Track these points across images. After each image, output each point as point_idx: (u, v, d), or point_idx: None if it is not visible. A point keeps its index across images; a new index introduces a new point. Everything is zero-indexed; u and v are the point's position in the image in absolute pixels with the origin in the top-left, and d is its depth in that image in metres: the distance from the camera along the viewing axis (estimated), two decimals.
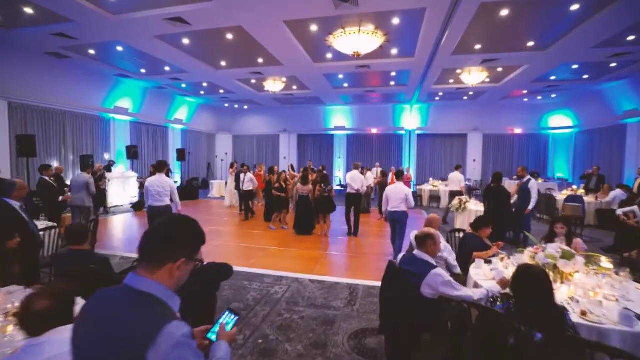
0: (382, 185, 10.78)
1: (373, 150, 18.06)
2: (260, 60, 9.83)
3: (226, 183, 13.04)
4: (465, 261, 3.58)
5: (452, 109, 16.59)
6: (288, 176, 9.75)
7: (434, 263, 2.56)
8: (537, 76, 10.81)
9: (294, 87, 13.38)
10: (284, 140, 19.17)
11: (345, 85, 12.87)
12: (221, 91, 14.11)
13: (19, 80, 9.27)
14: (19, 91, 9.30)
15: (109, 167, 11.68)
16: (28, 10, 6.69)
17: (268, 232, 7.70)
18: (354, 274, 4.94)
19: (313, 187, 8.13)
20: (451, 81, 11.85)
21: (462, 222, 7.28)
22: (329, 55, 9.27)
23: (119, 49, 8.89)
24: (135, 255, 1.10)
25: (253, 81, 12.38)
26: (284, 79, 12.05)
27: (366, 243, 6.92)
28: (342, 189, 16.54)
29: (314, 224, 7.69)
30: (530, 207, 6.40)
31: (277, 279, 4.69)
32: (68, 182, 9.56)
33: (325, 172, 9.69)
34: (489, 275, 2.95)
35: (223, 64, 10.25)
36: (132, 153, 12.21)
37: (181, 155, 13.28)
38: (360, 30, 7.26)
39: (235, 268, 4.97)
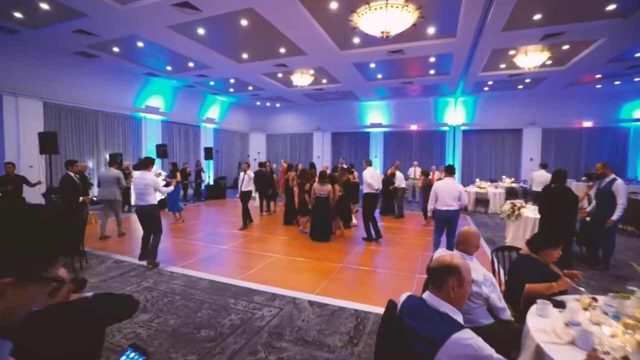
0: (426, 186, 9.53)
1: (412, 148, 16.59)
2: (283, 50, 9.12)
3: None
4: (516, 299, 2.43)
5: (504, 101, 14.58)
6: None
7: (459, 318, 1.53)
8: (616, 54, 8.78)
9: (324, 81, 12.53)
10: (317, 139, 18.43)
11: (379, 76, 11.72)
12: (250, 88, 13.73)
13: (53, 80, 9.55)
14: (52, 91, 9.58)
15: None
16: (44, 6, 6.63)
17: (281, 237, 6.91)
18: (367, 297, 3.93)
19: (332, 186, 7.23)
20: (502, 66, 10.16)
21: (516, 235, 5.84)
22: (356, 40, 8.27)
23: (140, 44, 8.72)
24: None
25: (280, 75, 11.75)
26: (311, 72, 11.25)
27: (392, 254, 5.83)
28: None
29: (331, 229, 6.78)
30: (616, 216, 4.78)
31: (270, 297, 3.85)
32: (93, 182, 9.69)
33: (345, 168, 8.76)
34: (563, 335, 1.77)
35: (245, 56, 9.72)
36: (162, 152, 12.22)
37: (209, 153, 13.12)
38: (387, 4, 6.18)
39: (226, 280, 4.21)
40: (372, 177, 6.84)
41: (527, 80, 11.79)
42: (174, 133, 14.20)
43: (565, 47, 8.37)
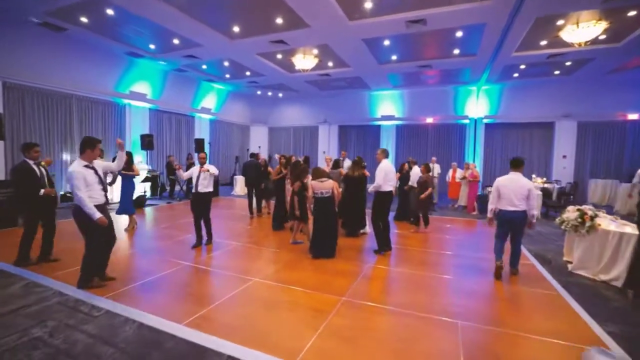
0: (423, 182, 7.93)
1: (428, 143, 14.96)
2: (280, 22, 7.63)
3: None
4: None
5: (534, 90, 12.85)
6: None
7: None
8: None
9: (330, 64, 11.01)
10: (323, 132, 16.94)
11: (394, 57, 10.14)
12: (247, 73, 12.29)
13: (15, 57, 8.23)
14: (15, 70, 8.28)
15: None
16: None
17: (268, 250, 5.38)
18: None
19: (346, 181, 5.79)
20: (543, 43, 8.49)
21: (588, 256, 4.24)
22: (368, 5, 6.73)
23: (109, 12, 7.32)
24: None
25: (279, 56, 10.27)
26: (315, 51, 9.74)
27: (412, 278, 4.28)
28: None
29: (336, 241, 5.16)
30: None
31: None
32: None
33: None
34: None
35: (236, 30, 8.26)
36: (147, 143, 10.89)
37: (200, 146, 11.74)
38: None
39: (165, 326, 2.69)
40: (388, 172, 5.35)
41: (568, 63, 10.07)
42: (164, 123, 12.85)
43: (632, 13, 6.68)
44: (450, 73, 11.64)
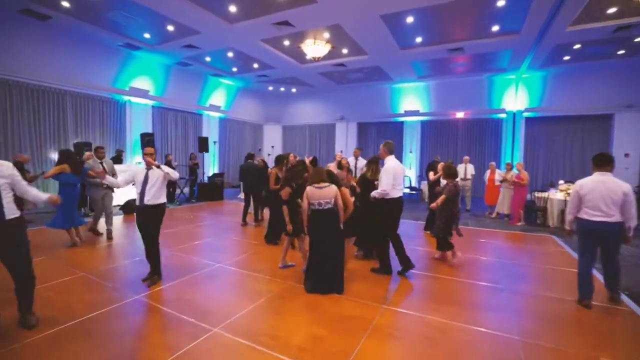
0: (434, 182, 6.43)
1: (458, 141, 13.27)
2: None
3: None
4: None
5: (588, 76, 10.90)
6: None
7: None
8: None
9: (344, 51, 9.72)
10: (340, 130, 15.64)
11: (418, 40, 8.69)
12: (255, 65, 11.24)
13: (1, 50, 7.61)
14: (1, 64, 7.64)
15: (118, 158, 9.70)
16: None
17: (252, 275, 4.05)
18: None
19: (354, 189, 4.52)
20: (612, 10, 6.77)
21: None
22: None
23: None
24: None
25: (286, 43, 9.11)
26: (326, 35, 8.49)
27: (451, 335, 2.94)
28: (413, 192, 12.30)
29: (342, 271, 3.68)
30: None
31: None
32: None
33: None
34: None
35: (233, 10, 7.17)
36: (148, 142, 10.06)
37: (204, 145, 10.79)
38: None
39: None
40: (397, 174, 4.08)
41: (638, 40, 8.19)
42: (169, 121, 12.06)
43: None
44: (485, 58, 10.01)
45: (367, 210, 4.56)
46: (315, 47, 9.01)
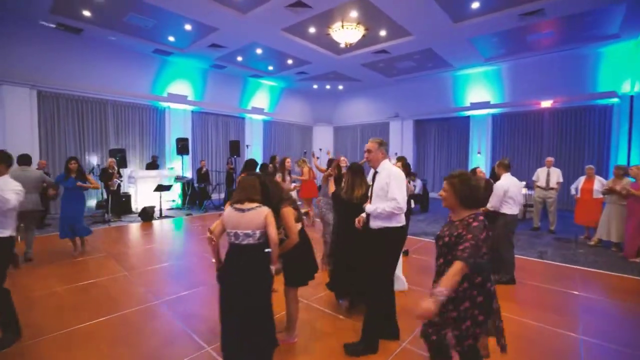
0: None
1: (543, 137, 10.35)
2: None
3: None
4: None
5: None
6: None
7: None
8: None
9: (382, 34, 8.13)
10: (395, 129, 13.83)
11: (475, 5, 6.64)
12: (289, 62, 10.36)
13: (45, 64, 8.14)
14: (49, 78, 8.18)
15: (154, 164, 9.82)
16: None
17: None
18: None
19: (276, 212, 2.93)
20: None
21: None
22: None
23: None
24: None
25: (311, 30, 7.96)
26: (353, 13, 7.07)
27: None
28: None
29: (270, 346, 2.27)
30: None
31: None
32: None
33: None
34: None
35: None
36: (182, 147, 10.01)
37: (235, 149, 10.29)
38: None
39: None
40: (399, 186, 2.53)
41: None
42: (209, 126, 11.99)
43: None
44: (581, 23, 7.30)
45: (345, 238, 3.14)
46: (345, 32, 7.64)
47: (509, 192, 3.98)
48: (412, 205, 9.41)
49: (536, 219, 7.28)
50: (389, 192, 2.48)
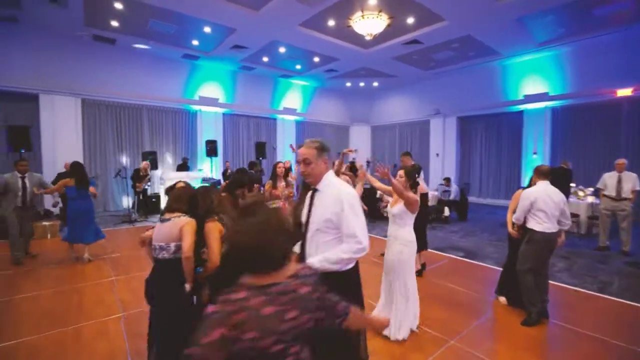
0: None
1: (619, 134, 8.52)
2: None
3: None
4: None
5: None
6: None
7: None
8: None
9: (409, 21, 7.30)
10: (436, 127, 12.66)
11: None
12: (316, 59, 9.95)
13: (88, 74, 8.78)
14: (91, 87, 8.83)
15: (184, 166, 10.11)
16: None
17: None
18: None
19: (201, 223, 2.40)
20: None
21: None
22: None
23: (118, 6, 6.52)
24: None
25: (331, 23, 7.44)
26: (372, 0, 6.39)
27: None
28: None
29: None
30: None
31: None
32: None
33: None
34: None
35: None
36: (210, 149, 10.16)
37: (261, 151, 10.12)
38: None
39: None
40: (357, 214, 1.84)
41: None
42: (240, 127, 12.07)
43: None
44: None
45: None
46: (367, 22, 6.98)
47: (537, 204, 3.11)
48: (447, 213, 8.39)
49: (603, 236, 5.87)
50: (344, 225, 1.68)
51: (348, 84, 13.09)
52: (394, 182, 2.71)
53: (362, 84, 13.06)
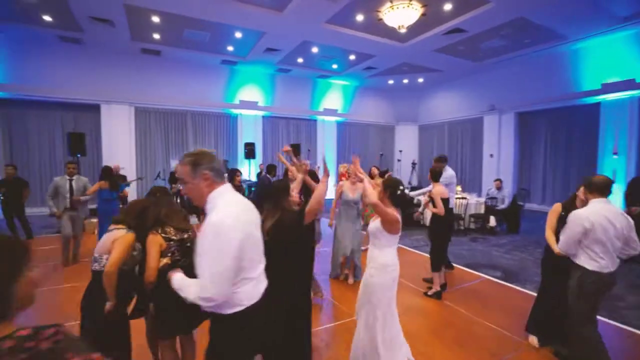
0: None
1: None
2: None
3: None
4: None
5: None
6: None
7: None
8: None
9: (447, 7, 6.54)
10: (491, 125, 11.34)
11: None
12: (352, 57, 9.57)
13: (139, 83, 9.63)
14: (141, 96, 9.68)
15: (224, 167, 10.50)
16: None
17: None
18: None
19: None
20: None
21: None
22: None
23: (155, 19, 6.95)
24: None
25: (359, 18, 7.01)
26: None
27: None
28: None
29: None
30: None
31: None
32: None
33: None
34: None
35: None
36: (248, 151, 10.43)
37: (295, 152, 10.01)
38: None
39: None
40: (214, 253, 1.33)
41: None
42: (280, 130, 12.18)
43: None
44: None
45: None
46: (397, 12, 6.42)
47: (594, 233, 2.30)
48: (493, 223, 7.33)
49: None
50: (198, 264, 1.32)
51: (390, 82, 12.41)
52: (367, 188, 2.32)
53: (405, 81, 12.26)
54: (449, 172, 5.17)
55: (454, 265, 4.88)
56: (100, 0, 6.19)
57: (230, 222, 1.31)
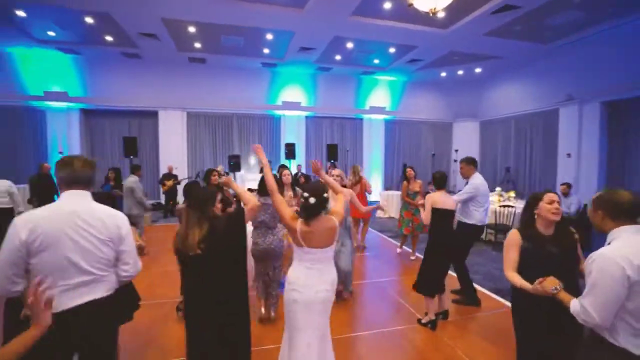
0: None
1: None
2: None
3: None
4: None
5: None
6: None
7: None
8: None
9: None
10: (568, 118, 9.48)
11: None
12: (391, 50, 8.92)
13: (190, 90, 10.46)
14: (192, 101, 10.52)
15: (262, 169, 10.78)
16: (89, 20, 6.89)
17: None
18: None
19: None
20: None
21: None
22: None
23: (191, 30, 7.43)
24: None
25: (387, 6, 6.43)
26: None
27: None
28: None
29: None
30: None
31: None
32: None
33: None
34: None
35: None
36: (289, 152, 10.52)
37: (333, 153, 9.67)
38: None
39: None
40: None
41: None
42: (324, 129, 12.01)
43: None
44: None
45: None
46: None
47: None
48: None
49: None
50: None
51: (443, 74, 11.25)
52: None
53: (460, 72, 10.98)
54: (475, 181, 3.75)
55: (478, 287, 4.05)
56: (142, 16, 6.81)
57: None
